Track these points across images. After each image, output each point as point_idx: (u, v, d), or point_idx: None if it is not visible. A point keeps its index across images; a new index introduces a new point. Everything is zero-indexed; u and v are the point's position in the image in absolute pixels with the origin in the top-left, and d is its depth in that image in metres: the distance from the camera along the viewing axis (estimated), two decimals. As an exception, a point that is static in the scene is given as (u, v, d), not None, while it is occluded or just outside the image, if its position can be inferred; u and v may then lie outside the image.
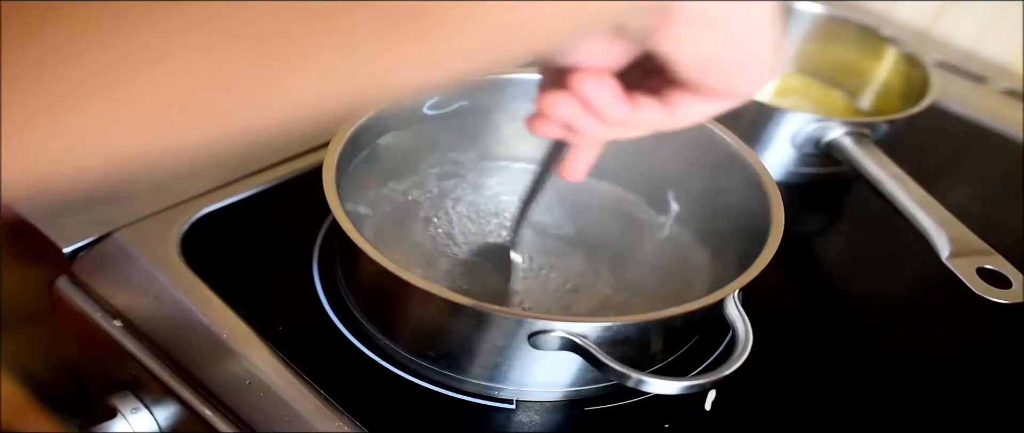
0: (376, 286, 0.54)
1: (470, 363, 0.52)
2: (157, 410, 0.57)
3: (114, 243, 0.60)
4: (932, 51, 1.02)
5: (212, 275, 0.58)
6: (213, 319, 0.55)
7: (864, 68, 0.89)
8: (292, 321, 0.56)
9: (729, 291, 0.50)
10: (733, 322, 0.50)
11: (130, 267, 0.59)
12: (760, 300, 0.55)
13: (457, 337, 0.51)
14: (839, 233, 0.75)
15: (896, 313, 0.66)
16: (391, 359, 0.54)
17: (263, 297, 0.58)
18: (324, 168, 0.54)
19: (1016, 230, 0.75)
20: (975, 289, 0.59)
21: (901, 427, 0.56)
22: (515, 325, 0.48)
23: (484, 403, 0.53)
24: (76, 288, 0.60)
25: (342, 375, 0.53)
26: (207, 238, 0.62)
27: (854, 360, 0.62)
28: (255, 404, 0.52)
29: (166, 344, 0.56)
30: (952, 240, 0.63)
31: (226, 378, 0.54)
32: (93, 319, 0.58)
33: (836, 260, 0.72)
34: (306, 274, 0.60)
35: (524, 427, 0.52)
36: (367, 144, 0.60)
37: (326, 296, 0.58)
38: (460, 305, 0.47)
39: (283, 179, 0.68)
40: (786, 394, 0.58)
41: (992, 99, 0.98)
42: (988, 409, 0.59)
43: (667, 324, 0.52)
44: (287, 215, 0.65)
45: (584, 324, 0.48)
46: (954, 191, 0.71)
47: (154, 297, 0.57)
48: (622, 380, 0.47)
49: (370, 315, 0.55)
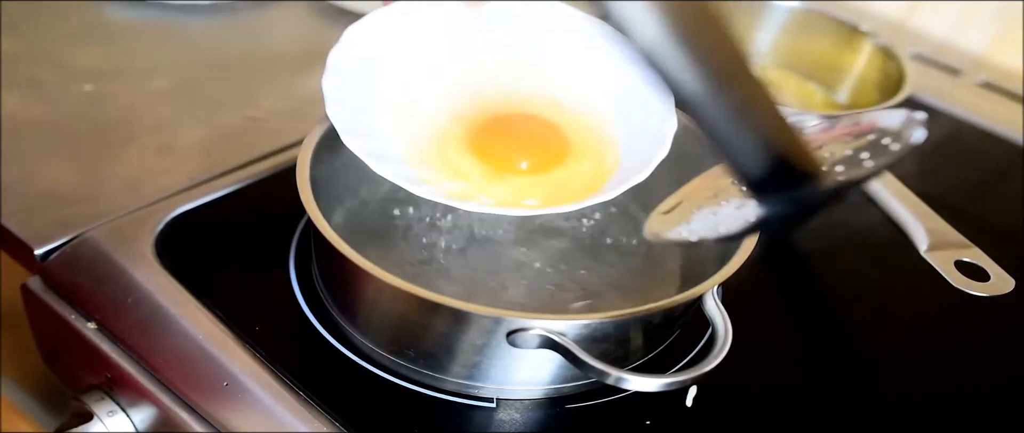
0: (353, 285, 0.53)
1: (449, 362, 0.52)
2: (133, 412, 0.56)
3: (88, 244, 0.59)
4: (908, 44, 1.02)
5: (187, 275, 0.58)
6: (189, 320, 0.55)
7: (840, 61, 0.89)
8: (269, 321, 0.56)
9: (708, 287, 0.50)
10: (712, 318, 0.50)
11: (104, 268, 0.58)
12: (739, 295, 0.55)
13: (435, 336, 0.50)
14: (817, 227, 0.75)
15: (875, 307, 0.66)
16: (370, 359, 0.54)
17: (239, 297, 0.57)
18: (298, 166, 0.53)
19: (993, 223, 0.76)
20: (953, 282, 0.60)
21: (881, 421, 0.57)
22: (493, 323, 0.48)
23: (465, 402, 0.53)
24: (49, 290, 0.59)
25: (321, 375, 0.53)
26: (182, 238, 0.61)
27: (833, 355, 0.62)
28: (232, 405, 0.52)
29: (142, 345, 0.55)
30: (930, 233, 0.63)
31: (203, 379, 0.53)
32: (67, 321, 0.58)
33: (814, 254, 0.72)
34: (283, 274, 0.59)
35: (505, 425, 0.52)
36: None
37: (303, 296, 0.58)
38: (438, 304, 0.47)
39: (258, 178, 0.67)
40: (767, 389, 0.58)
41: (968, 92, 0.98)
42: (967, 402, 0.60)
43: (646, 321, 0.52)
44: (263, 214, 0.65)
45: (562, 321, 0.48)
46: (931, 184, 0.71)
47: (129, 298, 0.56)
48: (602, 378, 0.47)
49: (348, 314, 0.55)
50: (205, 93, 0.79)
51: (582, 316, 0.48)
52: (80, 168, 0.67)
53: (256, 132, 0.74)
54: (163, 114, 0.75)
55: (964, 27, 1.07)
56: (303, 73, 0.84)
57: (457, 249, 0.61)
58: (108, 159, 0.68)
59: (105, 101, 0.75)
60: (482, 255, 0.60)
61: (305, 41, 0.90)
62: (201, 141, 0.72)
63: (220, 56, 0.85)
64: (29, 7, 0.87)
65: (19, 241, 0.60)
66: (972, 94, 0.98)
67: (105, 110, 0.74)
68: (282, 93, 0.80)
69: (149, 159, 0.69)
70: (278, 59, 0.86)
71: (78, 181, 0.65)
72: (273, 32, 0.91)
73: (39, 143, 0.69)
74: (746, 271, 0.51)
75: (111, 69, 0.80)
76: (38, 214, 0.61)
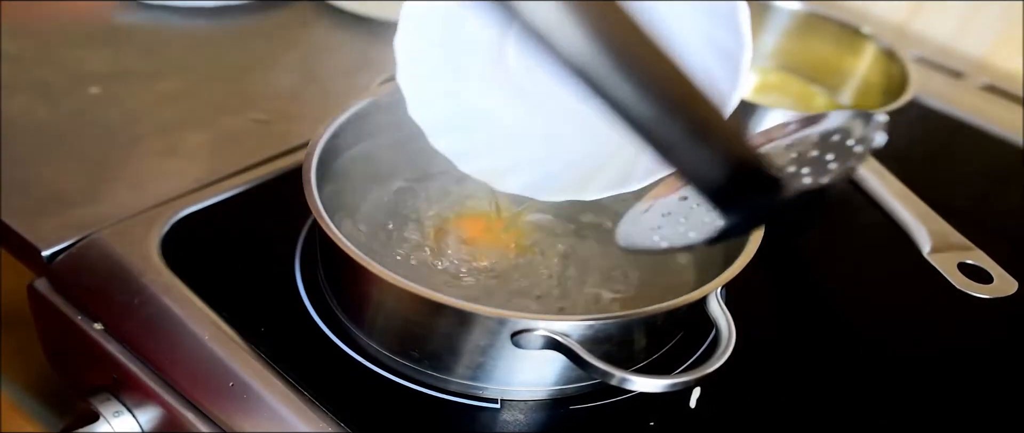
0: (358, 286, 0.53)
1: (454, 363, 0.52)
2: (139, 412, 0.57)
3: (94, 245, 0.60)
4: (910, 46, 1.02)
5: (193, 277, 0.58)
6: (195, 321, 0.55)
7: (843, 64, 0.90)
8: (274, 322, 0.56)
9: (712, 288, 0.50)
10: (716, 319, 0.50)
11: (110, 270, 0.58)
12: (743, 297, 0.56)
13: (440, 337, 0.51)
14: (820, 229, 0.75)
15: (877, 308, 0.67)
16: (374, 360, 0.54)
17: (245, 298, 0.57)
18: (304, 168, 0.54)
19: (996, 225, 0.76)
20: (956, 284, 0.60)
21: (883, 422, 0.57)
22: (497, 324, 0.48)
23: (469, 403, 0.53)
24: (56, 291, 0.59)
25: (325, 376, 0.53)
26: (188, 240, 0.61)
27: (836, 356, 0.62)
28: (238, 406, 0.52)
29: (148, 346, 0.56)
30: (932, 235, 0.63)
31: (208, 380, 0.53)
32: (74, 322, 0.58)
33: (818, 256, 0.72)
34: (288, 275, 0.59)
35: (509, 426, 0.52)
36: (349, 145, 0.60)
37: (308, 297, 0.58)
38: (442, 305, 0.47)
39: (264, 180, 0.68)
40: (770, 390, 0.58)
41: (971, 94, 0.98)
42: (969, 403, 0.60)
43: (650, 322, 0.52)
44: (268, 216, 0.65)
45: (566, 322, 0.48)
46: (934, 186, 0.71)
47: (135, 299, 0.57)
48: (605, 378, 0.47)
49: (352, 315, 0.55)
50: (210, 96, 0.79)
51: (586, 317, 0.48)
52: (86, 170, 0.67)
53: (261, 134, 0.74)
54: (169, 116, 0.75)
55: (966, 30, 1.07)
56: (308, 75, 0.84)
57: (466, 244, 0.61)
58: (114, 161, 0.69)
59: (111, 103, 0.76)
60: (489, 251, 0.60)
61: (310, 43, 0.90)
62: (207, 143, 0.72)
63: (225, 59, 0.86)
64: (35, 9, 0.88)
65: (26, 243, 0.60)
66: (975, 96, 0.98)
67: (111, 112, 0.75)
68: (287, 96, 0.80)
69: (155, 161, 0.69)
70: (283, 61, 0.86)
71: (84, 183, 0.65)
72: (278, 34, 0.91)
73: (46, 145, 0.69)
74: (750, 273, 0.51)
75: (117, 72, 0.80)
76: (45, 216, 0.62)
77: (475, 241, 0.61)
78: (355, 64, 0.88)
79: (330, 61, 0.88)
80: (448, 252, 0.60)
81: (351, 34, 0.92)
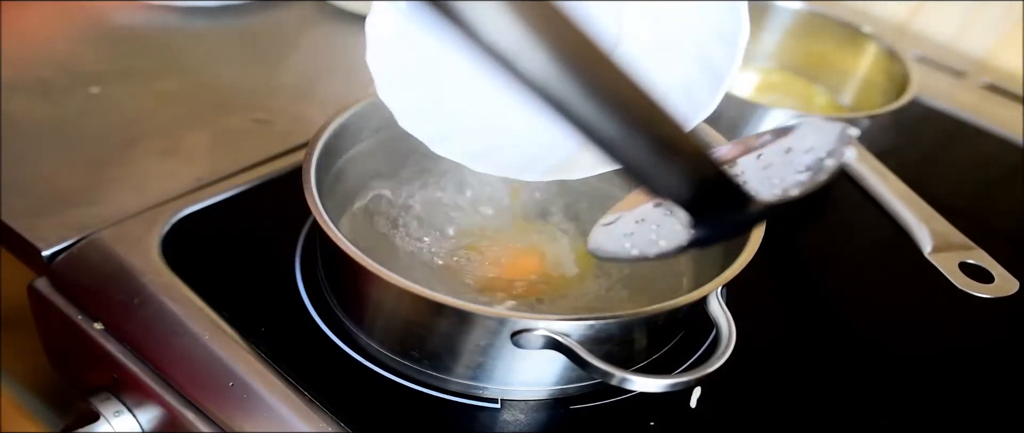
0: (358, 286, 0.53)
1: (454, 362, 0.52)
2: (139, 412, 0.57)
3: (94, 245, 0.60)
4: (911, 46, 1.02)
5: (193, 276, 0.58)
6: (195, 321, 0.55)
7: (844, 64, 0.89)
8: (274, 322, 0.56)
9: (712, 288, 0.50)
10: (716, 319, 0.50)
11: (111, 269, 0.58)
12: (743, 297, 0.56)
13: (440, 337, 0.51)
14: (821, 229, 0.75)
15: (879, 308, 0.66)
16: (375, 359, 0.54)
17: (245, 298, 0.57)
18: (304, 168, 0.54)
19: (998, 225, 0.76)
20: (957, 284, 0.59)
21: (885, 422, 0.57)
22: (497, 324, 0.48)
23: (469, 402, 0.53)
24: (56, 291, 0.59)
25: (326, 376, 0.53)
26: (188, 239, 0.61)
27: (837, 356, 0.62)
28: (238, 405, 0.52)
29: (148, 346, 0.56)
30: (934, 235, 0.63)
31: (209, 380, 0.53)
32: (74, 322, 0.58)
33: (818, 256, 0.72)
34: (288, 275, 0.59)
35: (509, 426, 0.52)
36: (349, 145, 0.60)
37: (308, 297, 0.58)
38: (442, 304, 0.47)
39: (264, 180, 0.68)
40: (770, 390, 0.58)
41: (972, 94, 0.98)
42: (970, 403, 0.60)
43: (650, 322, 0.52)
44: (268, 216, 0.65)
45: (566, 322, 0.48)
46: (935, 186, 0.71)
47: (135, 299, 0.57)
48: (606, 378, 0.47)
49: (353, 315, 0.55)
50: (211, 95, 0.79)
51: (586, 317, 0.48)
52: (87, 170, 0.67)
53: (261, 134, 0.74)
54: (169, 116, 0.75)
55: (968, 29, 1.07)
56: (308, 75, 0.84)
57: (465, 242, 0.61)
58: (115, 161, 0.69)
59: (111, 103, 0.76)
60: (493, 248, 0.60)
61: (310, 43, 0.90)
62: (207, 143, 0.72)
63: (226, 58, 0.86)
64: (35, 9, 0.88)
65: (26, 242, 0.60)
66: (976, 96, 0.98)
67: (111, 112, 0.75)
68: (287, 95, 0.80)
69: (155, 161, 0.69)
70: (283, 61, 0.86)
71: (85, 183, 0.65)
72: (278, 34, 0.91)
73: (46, 145, 0.69)
74: (750, 273, 0.51)
75: (117, 71, 0.80)
76: (45, 216, 0.62)
77: (514, 271, 0.61)
78: (355, 64, 0.87)
79: (330, 61, 0.88)
80: (451, 255, 0.60)
81: (351, 34, 0.92)
